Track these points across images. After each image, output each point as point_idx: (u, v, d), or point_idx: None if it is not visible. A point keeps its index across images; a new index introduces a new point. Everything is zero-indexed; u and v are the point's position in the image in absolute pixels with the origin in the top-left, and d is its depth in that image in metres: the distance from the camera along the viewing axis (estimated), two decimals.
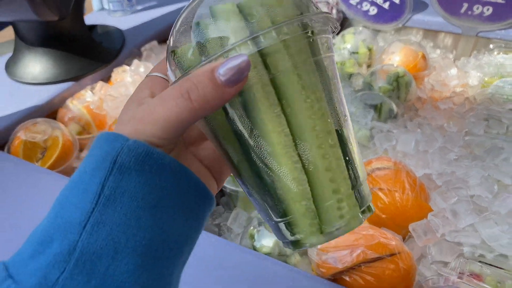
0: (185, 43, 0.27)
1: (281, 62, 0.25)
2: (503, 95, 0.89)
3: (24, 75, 0.92)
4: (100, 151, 0.25)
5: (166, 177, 0.25)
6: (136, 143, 0.24)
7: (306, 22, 0.25)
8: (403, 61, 0.98)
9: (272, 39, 0.24)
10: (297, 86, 0.25)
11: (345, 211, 0.27)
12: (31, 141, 0.77)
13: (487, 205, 0.61)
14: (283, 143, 0.25)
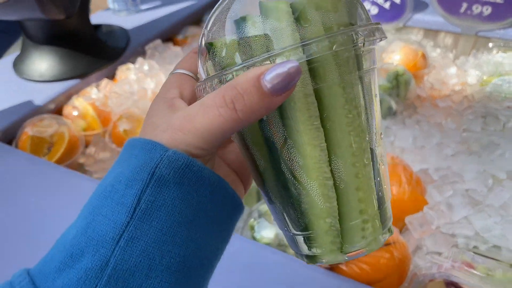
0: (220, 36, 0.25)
1: (328, 73, 0.24)
2: (501, 93, 0.90)
3: (31, 73, 0.94)
4: (137, 160, 0.23)
5: (204, 191, 0.24)
6: (176, 154, 0.23)
7: (359, 34, 0.24)
8: (403, 60, 1.00)
9: (325, 49, 0.22)
10: (341, 100, 0.24)
11: (369, 232, 0.26)
12: (38, 136, 0.79)
13: (481, 199, 0.63)
14: (317, 158, 0.24)
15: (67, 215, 0.64)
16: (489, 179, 0.65)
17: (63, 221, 0.63)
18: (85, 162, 0.83)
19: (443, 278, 0.47)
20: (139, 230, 0.22)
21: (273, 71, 0.21)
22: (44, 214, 0.64)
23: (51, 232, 0.61)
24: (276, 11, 0.23)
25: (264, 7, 0.23)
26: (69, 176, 0.70)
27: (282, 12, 0.23)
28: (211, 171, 0.24)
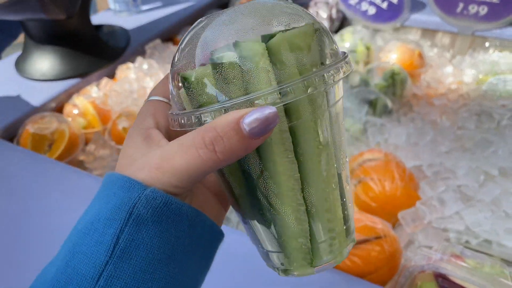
0: (190, 66, 0.26)
1: (302, 111, 0.25)
2: (496, 92, 0.91)
3: (33, 72, 0.96)
4: (115, 199, 0.24)
5: (182, 226, 0.24)
6: (154, 192, 0.23)
7: (330, 73, 0.25)
8: (400, 59, 1.01)
9: (300, 92, 0.24)
10: (313, 134, 0.26)
11: (336, 247, 0.28)
12: (39, 134, 0.80)
13: (473, 194, 0.64)
14: (291, 187, 0.26)
15: (68, 210, 0.65)
16: (481, 175, 0.66)
17: (64, 216, 0.64)
18: (85, 159, 0.85)
19: (432, 270, 0.48)
20: (119, 269, 0.22)
21: (252, 115, 0.22)
22: (45, 210, 0.66)
23: (52, 227, 0.63)
24: (252, 53, 0.23)
25: (240, 47, 0.24)
26: (70, 172, 0.72)
27: (258, 54, 0.23)
28: (189, 206, 0.25)
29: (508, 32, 1.03)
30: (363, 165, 0.67)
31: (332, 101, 0.27)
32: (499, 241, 0.57)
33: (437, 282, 0.48)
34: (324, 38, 0.26)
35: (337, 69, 0.25)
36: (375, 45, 1.10)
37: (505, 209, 0.61)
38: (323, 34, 0.26)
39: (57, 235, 0.61)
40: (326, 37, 0.27)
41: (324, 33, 0.27)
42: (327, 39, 0.27)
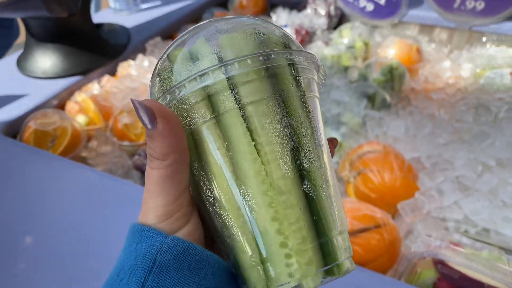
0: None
1: (222, 103, 0.24)
2: (494, 85, 0.92)
3: (34, 70, 0.97)
4: (138, 248, 0.24)
5: (205, 274, 0.24)
6: (175, 240, 0.24)
7: (267, 57, 0.24)
8: (398, 54, 1.02)
9: (217, 78, 0.23)
10: (240, 129, 0.24)
11: (294, 269, 0.23)
12: (42, 130, 0.81)
13: (471, 184, 0.65)
14: (225, 188, 0.24)
15: (72, 205, 0.66)
16: (478, 166, 0.67)
17: (68, 210, 0.65)
18: (88, 155, 0.86)
19: (431, 256, 0.49)
20: None
21: (137, 111, 0.23)
22: (49, 204, 0.67)
23: (56, 222, 0.64)
24: (176, 57, 0.25)
25: (169, 57, 0.26)
26: (73, 167, 0.73)
27: (179, 57, 0.25)
28: (210, 252, 0.25)
29: (504, 26, 1.05)
30: (363, 157, 0.68)
31: (285, 94, 0.24)
32: (497, 230, 0.58)
33: (437, 269, 0.49)
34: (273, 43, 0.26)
35: (274, 56, 0.24)
36: (373, 41, 1.11)
37: (502, 199, 0.62)
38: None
39: (62, 229, 0.62)
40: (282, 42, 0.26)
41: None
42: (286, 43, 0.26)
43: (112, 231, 0.62)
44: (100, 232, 0.62)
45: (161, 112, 0.23)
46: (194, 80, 0.23)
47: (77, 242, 0.60)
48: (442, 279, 0.49)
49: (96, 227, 0.63)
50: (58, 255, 0.59)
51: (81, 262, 0.58)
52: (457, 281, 0.47)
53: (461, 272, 0.47)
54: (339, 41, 1.09)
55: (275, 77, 0.24)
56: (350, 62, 1.03)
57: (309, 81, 0.26)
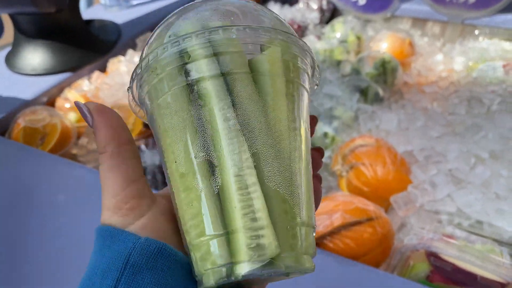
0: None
1: (196, 69, 0.23)
2: (486, 78, 0.92)
3: (23, 67, 0.95)
4: (110, 251, 0.24)
5: (177, 275, 0.24)
6: (148, 240, 0.23)
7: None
8: (390, 48, 1.01)
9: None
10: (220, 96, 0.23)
11: (195, 263, 0.23)
12: (31, 127, 0.80)
13: (464, 177, 0.64)
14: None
15: (63, 202, 0.65)
16: (471, 158, 0.67)
17: (58, 208, 0.64)
18: (78, 152, 0.85)
19: (424, 249, 0.49)
20: None
21: (80, 112, 0.25)
22: (39, 202, 0.66)
23: (47, 220, 0.63)
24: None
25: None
26: (63, 164, 0.72)
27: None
28: (183, 255, 0.25)
29: (496, 19, 1.04)
30: (355, 151, 0.67)
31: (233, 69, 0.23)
32: (490, 222, 0.58)
33: (429, 261, 0.49)
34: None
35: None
36: (365, 35, 1.10)
37: (495, 191, 0.62)
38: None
39: (53, 227, 0.61)
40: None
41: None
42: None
43: None
44: (92, 230, 0.61)
45: (96, 107, 0.25)
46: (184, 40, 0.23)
47: (68, 240, 0.60)
48: (435, 271, 0.48)
49: (88, 225, 0.62)
50: (49, 253, 0.58)
51: (72, 261, 0.57)
52: (450, 273, 0.47)
53: (454, 264, 0.47)
54: (331, 35, 1.08)
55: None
56: (342, 56, 1.03)
57: (298, 69, 0.25)
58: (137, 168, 0.25)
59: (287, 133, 0.24)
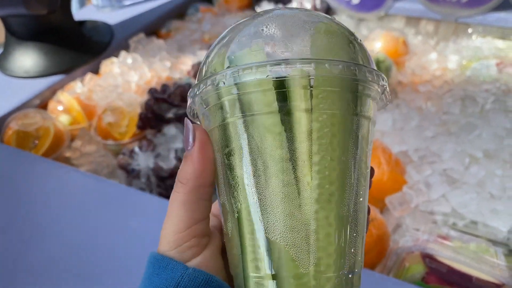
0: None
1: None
2: (480, 77, 0.92)
3: (15, 69, 0.94)
4: (159, 279, 0.24)
5: None
6: (195, 271, 0.24)
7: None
8: (384, 47, 1.01)
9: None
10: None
11: None
12: (23, 131, 0.79)
13: (458, 177, 0.64)
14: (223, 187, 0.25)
15: (56, 206, 0.65)
16: (466, 158, 0.67)
17: (52, 212, 0.64)
18: (72, 155, 0.84)
19: (419, 250, 0.49)
20: None
21: (185, 131, 0.25)
22: (32, 206, 0.65)
23: (40, 224, 0.62)
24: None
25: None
26: (57, 168, 0.71)
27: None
28: (229, 286, 0.25)
29: (490, 17, 1.05)
30: None
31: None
32: (485, 222, 0.58)
33: (425, 263, 0.49)
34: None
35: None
36: (359, 34, 1.10)
37: (490, 190, 0.62)
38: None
39: (46, 231, 0.60)
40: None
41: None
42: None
43: (98, 232, 0.60)
44: (86, 234, 0.60)
45: (202, 138, 0.24)
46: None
47: (62, 244, 0.59)
48: (430, 273, 0.48)
49: (81, 229, 0.61)
50: (42, 257, 0.57)
51: (65, 264, 0.56)
52: (446, 275, 0.47)
53: (449, 265, 0.47)
54: None
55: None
56: None
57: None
58: (206, 210, 0.26)
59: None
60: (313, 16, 0.24)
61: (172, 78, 0.90)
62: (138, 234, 0.59)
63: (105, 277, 0.54)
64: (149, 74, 0.91)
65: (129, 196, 0.65)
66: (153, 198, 0.65)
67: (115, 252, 0.57)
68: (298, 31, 0.23)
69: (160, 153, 0.75)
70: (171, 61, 0.95)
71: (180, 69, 0.92)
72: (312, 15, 0.24)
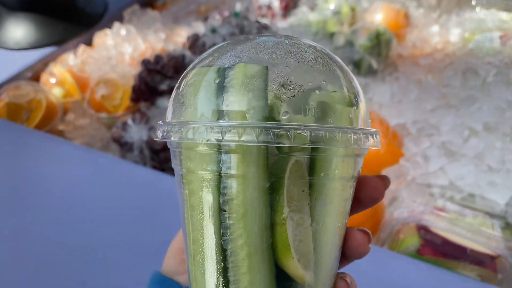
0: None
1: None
2: (483, 49, 0.90)
3: (6, 41, 0.92)
4: None
5: None
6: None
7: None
8: (385, 19, 0.98)
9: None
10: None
11: None
12: (15, 103, 0.78)
13: (457, 149, 0.63)
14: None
15: (49, 179, 0.64)
16: (465, 130, 0.65)
17: (45, 186, 0.63)
18: (65, 128, 0.83)
19: (414, 222, 0.48)
20: None
21: None
22: (24, 178, 0.64)
23: (34, 196, 0.61)
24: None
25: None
26: (49, 141, 0.70)
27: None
28: None
29: None
30: None
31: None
32: (482, 195, 0.57)
33: (420, 235, 0.48)
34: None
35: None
36: (360, 6, 1.07)
37: (488, 163, 0.61)
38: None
39: (39, 204, 0.60)
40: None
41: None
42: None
43: (92, 205, 0.60)
44: (79, 207, 0.60)
45: None
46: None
47: (55, 216, 0.58)
48: (425, 245, 0.47)
49: (74, 202, 0.60)
50: (34, 229, 0.57)
51: (58, 236, 0.56)
52: (440, 247, 0.46)
53: (444, 237, 0.46)
54: (325, 7, 1.05)
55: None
56: (336, 28, 1.00)
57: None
58: None
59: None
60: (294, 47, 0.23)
61: (167, 50, 0.88)
62: (131, 206, 0.59)
63: (98, 249, 0.53)
64: (143, 46, 0.89)
65: (123, 168, 0.64)
66: (146, 170, 0.64)
67: (108, 225, 0.57)
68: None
69: (154, 125, 0.74)
70: (165, 33, 0.93)
71: (175, 41, 0.90)
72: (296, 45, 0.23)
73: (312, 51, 0.23)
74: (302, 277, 0.21)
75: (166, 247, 0.30)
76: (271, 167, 0.21)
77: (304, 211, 0.21)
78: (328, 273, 0.23)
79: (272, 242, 0.21)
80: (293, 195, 0.21)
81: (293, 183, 0.21)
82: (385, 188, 0.25)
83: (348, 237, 0.24)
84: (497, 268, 0.45)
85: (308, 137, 0.20)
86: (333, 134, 0.20)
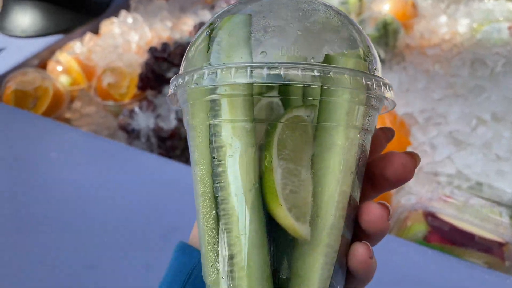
0: None
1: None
2: (491, 40, 0.89)
3: (13, 29, 0.92)
4: (177, 262, 0.26)
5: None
6: None
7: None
8: (392, 9, 0.98)
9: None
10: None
11: None
12: (22, 90, 0.78)
13: (464, 138, 0.63)
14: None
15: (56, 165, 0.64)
16: (473, 120, 0.65)
17: (52, 171, 0.63)
18: (71, 116, 0.83)
19: (422, 209, 0.48)
20: None
21: None
22: (32, 165, 0.65)
23: (40, 182, 0.62)
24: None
25: None
26: (56, 127, 0.70)
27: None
28: None
29: None
30: None
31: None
32: (490, 183, 0.57)
33: (427, 222, 0.48)
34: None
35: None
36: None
37: (496, 152, 0.60)
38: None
39: (46, 190, 0.60)
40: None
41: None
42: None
43: (100, 190, 0.60)
44: (86, 193, 0.60)
45: None
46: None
47: (63, 201, 0.59)
48: (432, 231, 0.47)
49: (81, 188, 0.61)
50: (41, 214, 0.57)
51: (65, 222, 0.56)
52: (448, 234, 0.46)
53: (452, 224, 0.46)
54: None
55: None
56: None
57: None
58: None
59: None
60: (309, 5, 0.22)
61: (173, 38, 0.87)
62: (139, 192, 0.59)
63: (106, 234, 0.54)
64: (149, 34, 0.89)
65: (129, 155, 0.64)
66: (153, 156, 0.64)
67: (116, 210, 0.57)
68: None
69: (161, 113, 0.74)
70: (172, 21, 0.93)
71: (181, 29, 0.90)
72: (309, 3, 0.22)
73: (327, 10, 0.23)
74: (293, 228, 0.20)
75: (172, 231, 0.30)
76: (266, 110, 0.20)
77: (299, 159, 0.20)
78: (329, 231, 0.21)
79: (261, 188, 0.20)
80: (287, 142, 0.20)
81: (290, 128, 0.20)
82: (414, 166, 0.23)
83: (364, 211, 0.22)
84: (504, 256, 0.45)
85: (317, 76, 0.19)
86: (343, 75, 0.19)
